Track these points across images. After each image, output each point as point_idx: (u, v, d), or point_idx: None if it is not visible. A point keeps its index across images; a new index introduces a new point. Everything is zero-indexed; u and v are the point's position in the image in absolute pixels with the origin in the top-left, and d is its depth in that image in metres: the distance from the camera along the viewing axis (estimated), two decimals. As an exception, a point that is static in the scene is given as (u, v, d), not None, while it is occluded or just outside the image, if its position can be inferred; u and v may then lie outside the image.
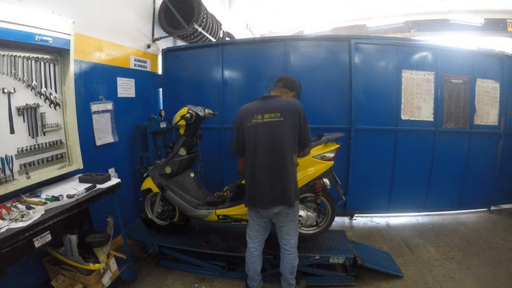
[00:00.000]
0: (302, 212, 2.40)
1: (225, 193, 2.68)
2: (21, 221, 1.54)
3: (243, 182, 2.19)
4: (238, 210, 2.47)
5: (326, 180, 2.43)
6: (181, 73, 3.77)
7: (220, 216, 2.54)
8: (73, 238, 1.92)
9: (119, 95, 3.08)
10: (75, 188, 2.04)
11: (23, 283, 2.04)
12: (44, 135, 2.10)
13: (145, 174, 2.75)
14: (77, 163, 2.31)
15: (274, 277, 2.48)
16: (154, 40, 3.65)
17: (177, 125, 2.56)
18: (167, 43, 4.02)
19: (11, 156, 1.86)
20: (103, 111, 2.80)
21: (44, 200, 1.84)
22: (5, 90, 1.83)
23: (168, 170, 2.56)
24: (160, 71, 3.85)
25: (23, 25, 1.83)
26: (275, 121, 1.85)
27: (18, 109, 1.91)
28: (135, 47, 3.36)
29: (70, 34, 2.17)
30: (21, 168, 1.93)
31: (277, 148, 1.86)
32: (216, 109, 3.40)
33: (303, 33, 10.50)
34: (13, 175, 1.87)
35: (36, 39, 1.92)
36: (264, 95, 2.03)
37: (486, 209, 3.92)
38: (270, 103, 1.92)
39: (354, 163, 3.45)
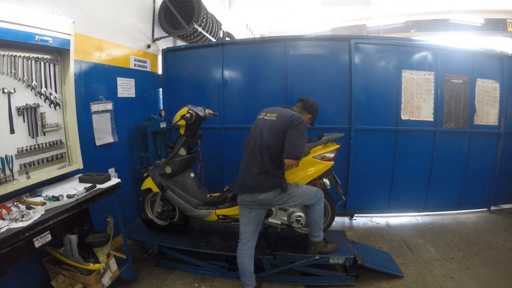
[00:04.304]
0: (302, 212, 2.40)
1: (225, 193, 2.68)
2: (21, 221, 1.54)
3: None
4: (238, 210, 2.46)
5: (326, 180, 2.44)
6: (181, 73, 3.77)
7: (220, 216, 2.54)
8: (73, 238, 1.92)
9: (119, 95, 3.08)
10: (75, 188, 2.04)
11: (23, 283, 2.04)
12: (44, 135, 2.10)
13: (145, 174, 2.75)
14: (77, 163, 2.31)
15: (274, 277, 2.49)
16: (154, 40, 3.65)
17: (177, 125, 2.56)
18: (167, 43, 4.02)
19: (11, 156, 1.86)
20: (103, 111, 2.80)
21: (44, 200, 1.84)
22: (5, 90, 1.83)
23: (168, 170, 2.56)
24: (160, 71, 3.85)
25: (23, 25, 1.82)
26: (271, 120, 2.04)
27: (18, 109, 1.91)
28: (135, 47, 3.36)
29: (70, 34, 2.17)
30: (21, 168, 1.93)
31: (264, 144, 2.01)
32: (216, 109, 3.40)
33: (302, 32, 10.50)
34: (13, 175, 1.86)
35: (36, 39, 1.92)
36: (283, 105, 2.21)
37: (486, 209, 3.92)
38: (280, 108, 2.11)
39: (354, 163, 3.45)
